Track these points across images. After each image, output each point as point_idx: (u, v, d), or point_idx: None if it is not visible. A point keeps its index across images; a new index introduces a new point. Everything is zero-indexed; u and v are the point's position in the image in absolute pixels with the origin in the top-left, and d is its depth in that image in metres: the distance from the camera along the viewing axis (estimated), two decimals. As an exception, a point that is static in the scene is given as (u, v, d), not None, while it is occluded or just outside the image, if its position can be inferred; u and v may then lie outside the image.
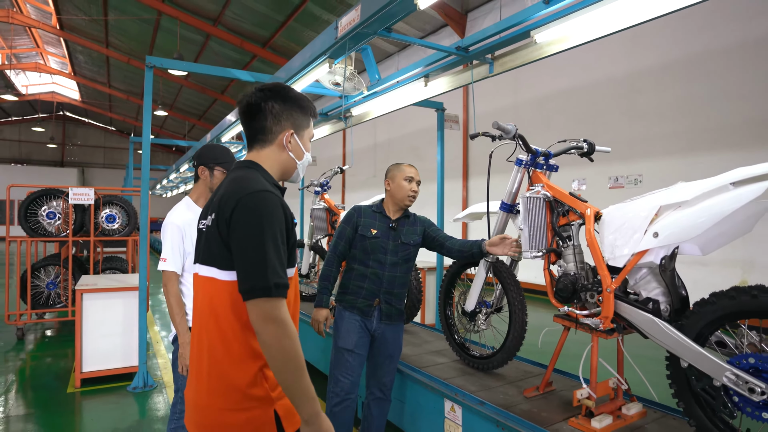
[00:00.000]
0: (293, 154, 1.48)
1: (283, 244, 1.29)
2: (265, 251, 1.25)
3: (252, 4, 12.59)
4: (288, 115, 1.46)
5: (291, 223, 1.35)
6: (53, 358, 5.29)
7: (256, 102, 1.43)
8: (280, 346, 1.22)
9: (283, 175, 1.52)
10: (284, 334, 1.23)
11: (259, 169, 1.42)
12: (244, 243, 1.26)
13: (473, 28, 10.75)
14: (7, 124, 29.85)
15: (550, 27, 2.97)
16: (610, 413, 2.22)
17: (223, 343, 1.33)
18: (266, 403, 1.32)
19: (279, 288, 1.24)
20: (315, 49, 3.61)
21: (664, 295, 2.04)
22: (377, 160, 14.80)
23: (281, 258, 1.27)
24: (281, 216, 1.30)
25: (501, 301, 2.88)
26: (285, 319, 1.24)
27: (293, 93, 1.48)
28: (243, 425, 1.30)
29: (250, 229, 1.26)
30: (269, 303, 1.23)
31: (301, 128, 1.49)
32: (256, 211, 1.27)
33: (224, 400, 1.31)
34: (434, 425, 2.74)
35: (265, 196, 1.30)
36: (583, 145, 2.54)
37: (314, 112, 1.55)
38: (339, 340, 2.70)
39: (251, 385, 1.31)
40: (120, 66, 20.07)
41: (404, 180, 2.75)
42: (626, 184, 8.18)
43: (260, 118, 1.44)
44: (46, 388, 4.37)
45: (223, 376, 1.32)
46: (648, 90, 7.90)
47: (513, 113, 10.19)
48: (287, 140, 1.46)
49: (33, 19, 17.49)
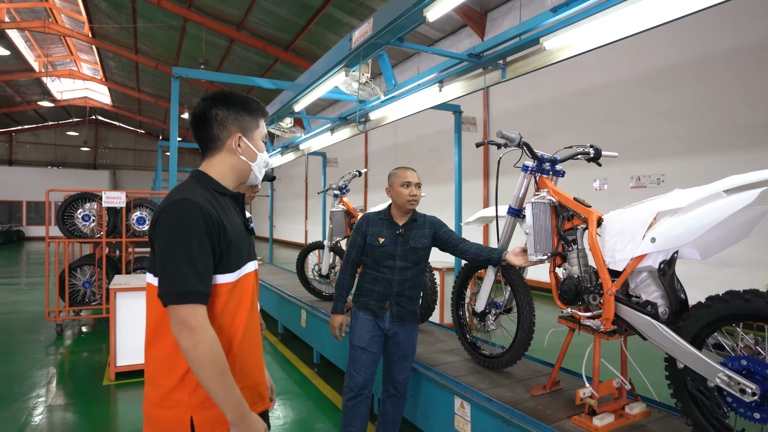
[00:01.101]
0: (245, 157, 1.48)
1: (203, 251, 1.30)
2: (175, 260, 1.27)
3: (274, 9, 12.85)
4: (233, 120, 1.46)
5: (219, 228, 1.35)
6: (89, 353, 5.59)
7: (200, 112, 1.45)
8: (195, 353, 1.24)
9: (240, 179, 1.52)
10: (199, 340, 1.24)
11: (200, 177, 1.44)
12: (160, 250, 1.30)
13: (493, 27, 10.76)
14: (44, 128, 31.06)
15: (559, 34, 3.05)
16: (613, 412, 2.29)
17: (156, 343, 1.38)
18: (184, 407, 1.34)
19: (188, 295, 1.26)
20: (331, 58, 3.76)
21: (663, 298, 2.11)
22: (398, 161, 14.91)
23: (196, 266, 1.28)
24: (200, 223, 1.30)
25: (510, 303, 2.98)
26: (198, 326, 1.25)
27: (237, 97, 1.49)
28: (161, 422, 1.36)
29: (164, 236, 1.30)
30: (181, 310, 1.25)
31: (249, 130, 1.49)
32: (171, 220, 1.30)
33: (153, 395, 1.38)
34: (445, 421, 2.86)
35: (183, 204, 1.31)
36: (589, 150, 2.61)
37: (263, 111, 1.54)
38: (354, 338, 2.83)
39: (174, 387, 1.34)
40: (148, 71, 20.69)
41: (401, 186, 2.78)
42: (648, 184, 8.10)
43: (207, 127, 1.45)
44: (84, 381, 4.65)
45: (155, 373, 1.38)
46: (670, 88, 7.79)
47: (533, 113, 10.16)
48: (236, 144, 1.46)
49: (67, 29, 18.20)
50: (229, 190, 1.48)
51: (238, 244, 1.42)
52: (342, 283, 2.89)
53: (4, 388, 4.39)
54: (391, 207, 2.90)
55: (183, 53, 17.58)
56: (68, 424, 3.71)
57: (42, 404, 4.04)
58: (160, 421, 1.36)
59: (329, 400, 4.15)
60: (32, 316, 7.30)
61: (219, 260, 1.36)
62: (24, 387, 4.42)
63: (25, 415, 3.79)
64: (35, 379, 4.64)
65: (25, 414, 3.82)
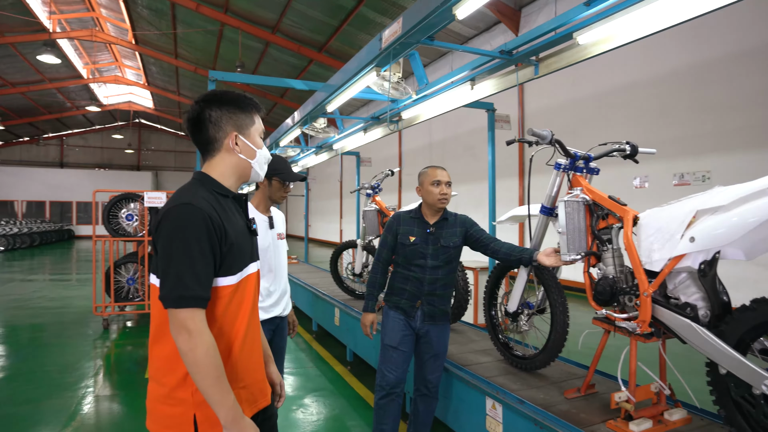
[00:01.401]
0: (244, 155, 1.48)
1: (203, 255, 1.31)
2: (175, 264, 1.29)
3: (308, 11, 13.02)
4: (228, 119, 1.45)
5: (221, 232, 1.36)
6: (133, 347, 5.83)
7: (194, 115, 1.45)
8: (191, 356, 1.27)
9: (241, 178, 1.51)
10: (196, 344, 1.27)
11: (203, 179, 1.44)
12: (161, 254, 1.32)
13: (527, 23, 10.55)
14: (92, 132, 32.54)
15: (593, 28, 2.97)
16: (651, 418, 2.22)
17: (160, 342, 1.41)
18: (187, 405, 1.37)
19: (185, 299, 1.28)
20: (361, 59, 3.78)
21: (704, 300, 2.03)
22: (433, 160, 14.84)
23: (196, 270, 1.30)
24: (201, 227, 1.31)
25: (543, 303, 2.92)
26: (196, 330, 1.27)
27: (229, 95, 1.48)
28: (165, 418, 1.39)
29: (165, 240, 1.32)
30: (180, 314, 1.28)
31: (245, 127, 1.48)
32: (173, 224, 1.31)
33: (157, 391, 1.41)
34: (476, 422, 2.84)
35: (185, 209, 1.32)
36: (625, 147, 2.53)
37: (256, 107, 1.52)
38: (385, 337, 2.85)
39: (177, 386, 1.37)
40: (187, 75, 21.35)
41: (431, 185, 2.77)
42: (693, 181, 7.76)
43: (203, 129, 1.45)
44: (128, 373, 4.86)
45: (158, 371, 1.41)
46: (717, 81, 7.44)
47: (571, 109, 9.91)
48: (233, 143, 1.45)
49: (112, 36, 19.00)
50: (231, 192, 1.49)
51: (239, 246, 1.43)
52: (373, 281, 2.91)
53: (56, 377, 4.64)
54: (421, 206, 2.89)
55: (220, 57, 18.05)
56: (113, 414, 3.88)
57: (90, 394, 4.24)
58: (164, 417, 1.39)
59: (362, 398, 4.19)
60: (81, 311, 7.68)
61: (220, 264, 1.38)
62: (74, 377, 4.65)
63: (75, 404, 4.00)
64: (84, 370, 4.88)
65: (75, 403, 4.03)
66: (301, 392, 4.35)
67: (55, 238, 24.19)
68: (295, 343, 5.98)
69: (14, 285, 10.42)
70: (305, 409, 3.98)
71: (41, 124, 28.91)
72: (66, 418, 3.73)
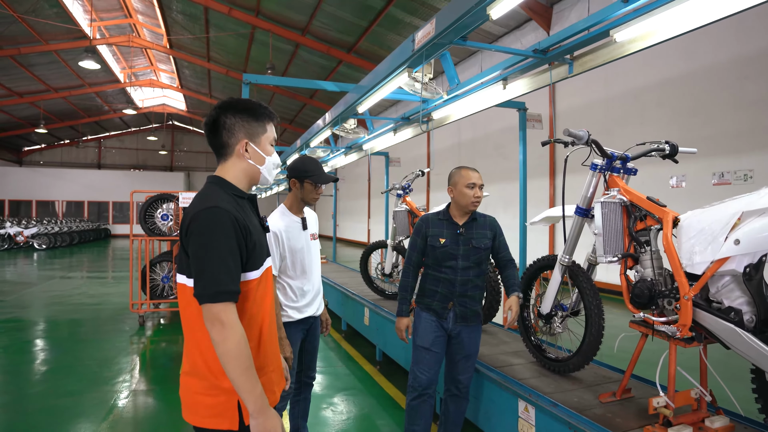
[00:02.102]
0: (253, 161, 1.57)
1: (233, 253, 1.42)
2: (209, 262, 1.39)
3: (337, 12, 13.13)
4: (240, 126, 1.54)
5: (245, 231, 1.47)
6: (167, 343, 6.00)
7: (211, 120, 1.55)
8: (224, 347, 1.36)
9: (251, 182, 1.61)
10: (228, 335, 1.36)
11: (221, 183, 1.54)
12: (194, 254, 1.41)
13: (559, 21, 10.38)
14: (128, 134, 33.65)
15: (631, 25, 2.90)
16: (691, 424, 2.16)
17: (194, 337, 1.49)
18: (230, 394, 1.46)
19: (221, 294, 1.37)
20: (394, 60, 3.80)
21: (749, 304, 1.96)
22: (462, 160, 14.75)
23: (228, 267, 1.40)
24: (229, 228, 1.42)
25: (578, 305, 2.87)
26: (229, 322, 1.37)
27: (244, 104, 1.57)
28: (209, 408, 1.48)
29: (197, 241, 1.41)
30: (215, 308, 1.37)
31: (256, 135, 1.57)
32: (203, 226, 1.41)
33: (198, 385, 1.49)
34: (508, 424, 2.81)
35: (214, 211, 1.42)
36: (664, 147, 2.47)
37: (270, 116, 1.61)
38: (417, 339, 2.85)
39: (218, 377, 1.46)
40: (219, 78, 21.81)
41: (466, 187, 2.75)
42: (734, 181, 7.48)
43: (218, 134, 1.55)
44: (163, 368, 5.01)
45: (197, 366, 1.49)
46: (760, 76, 7.16)
47: (604, 108, 9.70)
48: (243, 149, 1.55)
49: (148, 41, 19.59)
50: (246, 194, 1.60)
51: (260, 243, 1.55)
52: (405, 285, 2.90)
53: (95, 372, 4.82)
54: (450, 207, 2.88)
55: (251, 59, 18.37)
56: (149, 408, 4.01)
57: (127, 388, 4.39)
58: (207, 408, 1.48)
59: (391, 398, 4.20)
60: (118, 308, 7.95)
61: (247, 259, 1.49)
62: (112, 372, 4.82)
63: (113, 398, 4.14)
64: (121, 365, 5.05)
65: (114, 396, 4.17)
66: (330, 391, 4.39)
67: (92, 237, 25.09)
68: (325, 342, 6.05)
69: (55, 282, 10.86)
70: (335, 407, 4.02)
71: (81, 127, 30.05)
72: (105, 411, 3.86)
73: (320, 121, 6.87)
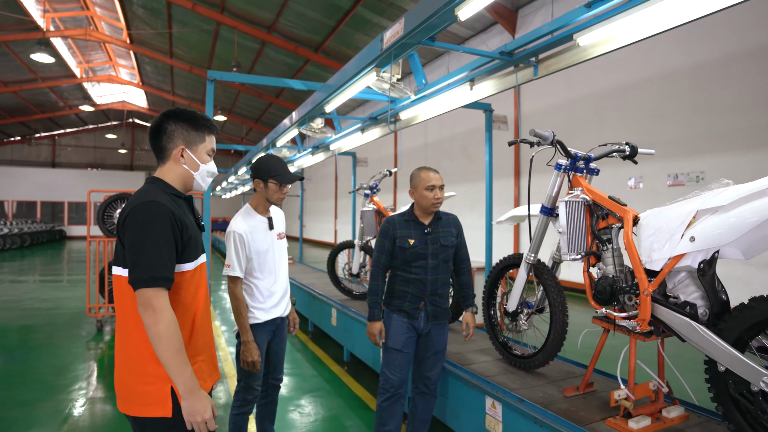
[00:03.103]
0: (188, 167, 1.70)
1: (168, 243, 1.52)
2: (145, 251, 1.48)
3: (305, 11, 13.01)
4: (179, 134, 1.67)
5: (181, 225, 1.57)
6: (128, 348, 5.79)
7: (155, 124, 1.68)
8: (155, 329, 1.45)
9: (186, 185, 1.73)
10: (159, 319, 1.45)
11: (158, 182, 1.66)
12: (130, 244, 1.51)
13: (524, 24, 10.61)
14: (85, 132, 32.33)
15: (593, 30, 2.98)
16: (649, 415, 2.24)
17: (128, 327, 1.57)
18: (162, 380, 1.53)
19: (155, 280, 1.47)
20: (362, 59, 3.79)
21: (703, 299, 2.05)
22: (428, 160, 14.88)
23: (162, 255, 1.50)
24: (165, 221, 1.52)
25: (542, 303, 2.94)
26: (160, 306, 1.46)
27: (188, 114, 1.69)
28: (142, 396, 1.54)
29: (134, 232, 1.50)
30: (147, 292, 1.46)
31: (193, 143, 1.70)
32: (140, 219, 1.51)
33: (130, 374, 1.56)
34: (476, 421, 2.84)
35: (151, 205, 1.52)
36: (625, 148, 2.56)
37: (210, 128, 1.73)
38: (388, 341, 2.84)
39: (150, 364, 1.53)
40: (183, 75, 21.26)
41: (426, 190, 2.77)
42: (687, 182, 7.83)
43: (159, 138, 1.68)
44: (123, 375, 4.82)
45: (130, 356, 1.56)
46: (710, 84, 7.52)
47: (567, 111, 9.97)
48: (180, 155, 1.68)
49: (107, 35, 18.88)
50: (183, 194, 1.72)
51: (195, 238, 1.66)
52: (375, 289, 2.86)
53: (48, 380, 4.60)
54: (413, 207, 2.90)
55: (216, 56, 17.99)
56: (107, 416, 3.85)
57: (83, 396, 4.21)
58: (140, 395, 1.54)
59: (359, 398, 4.19)
60: (74, 312, 7.63)
61: (182, 252, 1.59)
62: (67, 379, 4.62)
63: (68, 407, 3.96)
64: (77, 372, 4.85)
65: (69, 405, 3.99)
66: (297, 393, 4.34)
67: (46, 239, 23.99)
68: (292, 344, 5.97)
69: (4, 286, 10.33)
70: (302, 409, 3.97)
71: (33, 124, 28.69)
72: (59, 421, 3.70)
73: (287, 120, 6.78)
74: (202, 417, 1.49)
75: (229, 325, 7.05)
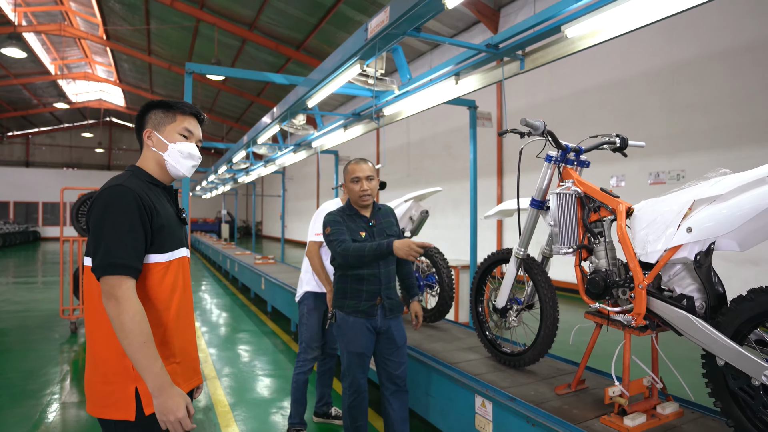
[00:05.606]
0: (156, 149, 1.62)
1: (132, 229, 1.41)
2: (107, 235, 1.38)
3: (286, 8, 12.84)
4: (149, 118, 1.63)
5: (151, 211, 1.47)
6: (103, 352, 5.58)
7: (137, 116, 1.67)
8: (119, 321, 1.34)
9: (163, 172, 1.64)
10: (123, 310, 1.34)
11: (135, 170, 1.60)
12: (91, 228, 1.42)
13: (506, 23, 10.62)
14: (60, 130, 31.46)
15: (582, 21, 2.94)
16: (644, 412, 2.18)
17: (95, 322, 1.47)
18: (127, 380, 1.42)
19: (117, 267, 1.36)
20: (346, 50, 3.68)
21: (700, 291, 2.00)
22: (410, 159, 14.83)
23: (125, 241, 1.39)
24: (131, 205, 1.42)
25: (532, 298, 2.87)
26: (123, 296, 1.35)
27: (160, 101, 1.66)
28: (106, 396, 1.44)
29: (96, 216, 1.42)
30: (110, 280, 1.36)
31: (161, 124, 1.63)
32: (104, 202, 1.43)
33: (95, 373, 1.46)
34: (465, 420, 2.76)
35: (116, 189, 1.45)
36: (615, 140, 2.51)
37: (182, 109, 1.65)
38: (349, 345, 2.72)
39: (114, 362, 1.42)
40: (161, 72, 20.85)
41: (351, 182, 2.71)
42: (668, 180, 7.91)
43: (137, 129, 1.67)
44: (97, 379, 4.63)
45: (96, 352, 1.46)
46: (690, 82, 7.61)
47: (549, 108, 10.01)
48: (147, 137, 1.62)
49: (82, 31, 18.39)
50: (162, 183, 1.64)
51: (170, 229, 1.55)
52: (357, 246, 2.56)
53: (19, 384, 4.39)
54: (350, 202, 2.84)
55: (195, 54, 17.67)
56: (81, 421, 3.68)
57: (56, 401, 4.02)
58: (102, 395, 1.44)
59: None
60: (47, 314, 7.35)
61: (152, 240, 1.48)
62: (38, 384, 4.41)
63: (39, 412, 3.77)
64: (49, 376, 4.64)
65: (39, 411, 3.80)
66: (280, 395, 4.25)
67: (19, 240, 23.28)
68: (274, 344, 5.83)
69: (-25, 288, 9.93)
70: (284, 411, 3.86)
71: (5, 122, 27.82)
72: (29, 427, 3.51)
73: (267, 117, 6.62)
74: (175, 415, 1.37)
75: (209, 327, 6.86)
